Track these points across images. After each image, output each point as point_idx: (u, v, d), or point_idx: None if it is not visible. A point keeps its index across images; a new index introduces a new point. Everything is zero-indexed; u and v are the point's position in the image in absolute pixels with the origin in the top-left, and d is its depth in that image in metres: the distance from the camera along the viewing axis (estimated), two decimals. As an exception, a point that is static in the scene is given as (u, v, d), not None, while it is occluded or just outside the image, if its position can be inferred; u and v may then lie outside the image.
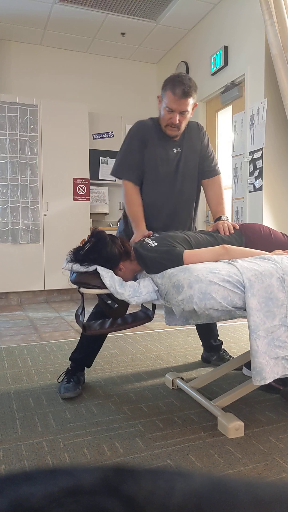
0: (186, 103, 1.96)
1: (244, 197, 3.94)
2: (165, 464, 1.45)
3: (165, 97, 1.98)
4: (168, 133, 2.06)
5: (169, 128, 2.04)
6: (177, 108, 1.96)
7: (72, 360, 2.16)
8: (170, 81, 1.97)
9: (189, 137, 2.14)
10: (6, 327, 3.63)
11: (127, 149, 2.11)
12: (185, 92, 1.93)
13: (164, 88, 2.00)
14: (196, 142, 2.16)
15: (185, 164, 2.12)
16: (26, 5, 4.36)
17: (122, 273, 1.77)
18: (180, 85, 1.92)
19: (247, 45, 3.87)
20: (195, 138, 2.16)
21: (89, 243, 1.75)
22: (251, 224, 2.02)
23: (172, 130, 2.04)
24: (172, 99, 1.95)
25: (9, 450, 1.55)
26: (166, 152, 2.09)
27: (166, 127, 2.04)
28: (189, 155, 2.13)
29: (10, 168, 4.64)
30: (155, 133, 2.09)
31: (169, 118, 2.00)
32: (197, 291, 1.48)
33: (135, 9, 4.44)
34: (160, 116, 2.07)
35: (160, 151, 2.08)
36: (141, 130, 2.09)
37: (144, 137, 2.08)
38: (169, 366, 2.50)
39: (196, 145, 2.16)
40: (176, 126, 2.02)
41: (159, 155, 2.08)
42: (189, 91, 1.93)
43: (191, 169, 2.15)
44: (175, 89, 1.93)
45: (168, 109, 1.98)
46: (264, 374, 1.51)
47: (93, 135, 5.25)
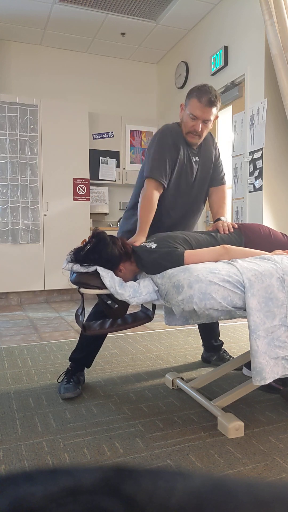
0: (210, 112, 2.00)
1: (244, 197, 3.94)
2: (165, 464, 1.45)
3: (190, 105, 2.01)
4: (189, 140, 2.08)
5: (190, 136, 2.06)
6: (201, 115, 1.99)
7: (72, 360, 2.16)
8: (196, 90, 2.01)
9: (205, 147, 2.18)
10: (6, 327, 3.63)
11: (161, 149, 2.05)
12: (211, 101, 1.97)
13: (189, 96, 2.04)
14: (210, 151, 2.21)
15: (201, 173, 2.17)
16: (26, 5, 4.36)
17: (122, 274, 1.77)
18: (207, 94, 1.97)
19: (247, 45, 3.87)
20: (209, 148, 2.21)
21: (90, 244, 1.75)
22: (250, 224, 2.02)
23: (193, 137, 2.06)
24: (197, 106, 1.98)
25: (9, 450, 1.55)
26: (190, 160, 2.13)
27: (187, 134, 2.07)
28: (205, 165, 2.18)
29: (10, 168, 4.64)
30: (182, 139, 2.11)
31: (192, 125, 2.02)
32: (197, 291, 1.48)
33: (135, 9, 4.44)
34: (182, 123, 2.10)
35: (187, 158, 2.12)
36: (174, 135, 2.09)
37: (177, 142, 2.09)
38: (169, 366, 2.50)
39: (211, 155, 2.21)
40: (198, 134, 2.05)
41: (186, 161, 2.11)
42: (214, 100, 1.98)
43: (205, 178, 2.21)
44: (201, 97, 1.97)
45: (192, 116, 2.00)
46: (264, 374, 1.51)
47: (93, 135, 5.25)
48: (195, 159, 2.14)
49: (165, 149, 2.05)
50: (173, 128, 2.12)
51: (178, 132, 2.10)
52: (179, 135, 2.10)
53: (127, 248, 1.80)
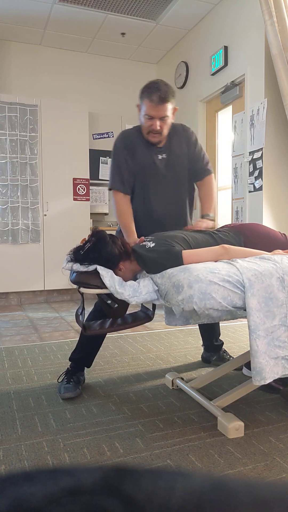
0: (164, 109, 1.97)
1: (244, 197, 3.94)
2: (165, 464, 1.45)
3: (143, 105, 2.00)
4: (151, 140, 2.06)
5: (151, 135, 2.05)
6: (156, 114, 1.98)
7: (72, 360, 2.16)
8: (146, 89, 1.98)
9: (175, 141, 2.13)
10: (6, 327, 3.63)
11: (115, 160, 2.14)
12: (162, 98, 1.95)
13: (141, 96, 2.01)
14: (182, 145, 2.14)
15: (173, 169, 2.13)
16: (26, 5, 4.36)
17: (122, 273, 1.77)
18: (156, 92, 1.94)
19: (247, 45, 3.87)
20: (181, 141, 2.14)
21: (89, 243, 1.75)
22: (249, 223, 2.02)
23: (154, 136, 2.05)
24: (150, 106, 1.97)
25: (9, 450, 1.55)
26: (153, 159, 2.10)
27: (148, 135, 2.05)
28: (176, 160, 2.13)
29: (10, 168, 4.64)
30: (140, 141, 2.10)
31: (150, 125, 2.01)
32: (197, 291, 1.48)
33: (135, 9, 4.44)
34: (141, 125, 2.08)
35: (147, 159, 2.10)
36: (126, 140, 2.11)
37: (130, 146, 2.10)
38: (169, 366, 2.50)
39: (183, 148, 2.15)
40: (158, 132, 2.03)
41: (146, 162, 2.10)
42: (165, 96, 1.95)
43: (180, 173, 2.15)
44: (151, 96, 1.95)
45: (147, 116, 1.99)
46: (264, 374, 1.51)
47: (93, 135, 5.25)
48: (161, 156, 2.11)
49: (120, 159, 2.10)
50: (129, 134, 2.13)
51: (133, 135, 2.11)
52: (136, 138, 2.10)
53: (126, 247, 1.80)
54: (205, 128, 4.78)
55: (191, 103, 4.90)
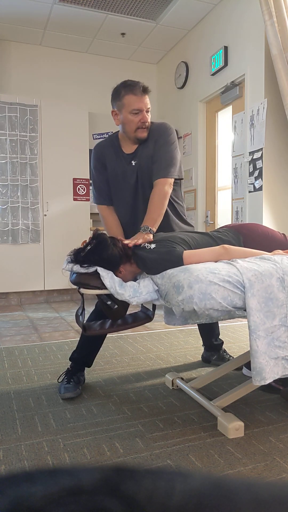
0: (147, 100, 2.00)
1: (244, 197, 3.94)
2: (165, 464, 1.45)
3: (126, 103, 1.97)
4: (140, 136, 2.03)
5: (139, 131, 2.02)
6: (144, 105, 1.98)
7: (72, 360, 2.17)
8: (123, 88, 1.98)
9: (146, 143, 2.07)
10: (6, 327, 3.63)
11: (93, 175, 2.20)
12: (144, 88, 1.97)
13: (118, 97, 1.99)
14: (149, 145, 2.06)
15: (143, 173, 2.07)
16: (26, 5, 4.36)
17: (122, 275, 1.77)
18: (136, 85, 1.97)
19: (247, 45, 3.87)
20: (150, 142, 2.06)
21: (90, 245, 1.75)
22: (248, 223, 2.02)
23: (143, 131, 2.02)
24: (135, 99, 1.96)
25: (9, 450, 1.55)
26: (125, 167, 2.09)
27: (136, 132, 2.01)
28: (145, 163, 2.07)
29: (10, 168, 4.64)
30: (112, 151, 2.11)
31: (139, 119, 1.99)
32: (197, 291, 1.48)
33: (135, 9, 4.44)
34: (124, 126, 2.03)
35: (119, 168, 2.10)
36: (98, 153, 2.14)
37: (102, 159, 2.12)
38: (169, 366, 2.50)
39: (149, 149, 2.06)
40: (146, 127, 2.03)
41: (119, 171, 2.10)
42: (146, 87, 1.98)
43: (150, 179, 2.07)
44: (133, 90, 1.96)
45: (135, 111, 1.97)
46: (264, 374, 1.51)
47: (93, 135, 5.25)
48: (134, 162, 2.07)
49: (95, 173, 2.16)
50: (100, 146, 2.15)
51: (105, 146, 2.12)
52: (106, 148, 2.11)
53: (127, 250, 1.80)
54: (205, 128, 4.78)
55: (191, 103, 4.89)
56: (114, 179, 2.12)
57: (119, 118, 2.03)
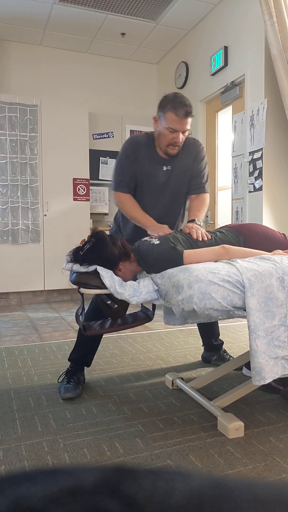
0: (187, 123, 2.02)
1: (244, 197, 3.94)
2: (165, 464, 1.45)
3: (166, 118, 2.01)
4: (170, 152, 2.08)
5: (170, 148, 2.06)
6: (180, 128, 2.01)
7: (71, 360, 2.17)
8: (170, 102, 2.00)
9: (182, 154, 2.15)
10: (6, 327, 3.63)
11: (122, 163, 2.15)
12: (188, 112, 1.99)
13: (163, 109, 2.03)
14: (188, 159, 2.16)
15: (174, 182, 2.15)
16: (26, 5, 4.36)
17: (122, 273, 1.77)
18: (183, 106, 1.98)
19: (247, 46, 3.87)
20: (188, 155, 2.16)
21: (89, 244, 1.75)
22: (248, 223, 2.02)
23: (173, 149, 2.07)
24: (175, 120, 1.99)
25: (9, 450, 1.55)
26: (156, 170, 2.11)
27: (167, 147, 2.06)
28: (179, 173, 2.15)
29: (10, 168, 4.64)
30: (147, 150, 2.11)
31: (172, 137, 2.02)
32: (197, 291, 1.48)
33: (135, 9, 4.44)
34: (159, 135, 2.08)
35: (149, 168, 2.11)
36: (133, 146, 2.13)
37: (135, 153, 2.11)
38: (169, 366, 2.50)
39: (188, 163, 2.16)
40: (178, 145, 2.06)
41: (150, 172, 2.11)
42: (190, 111, 2.01)
43: (180, 186, 2.18)
44: (177, 110, 1.97)
45: (171, 129, 2.01)
46: (264, 374, 1.51)
47: (93, 135, 5.25)
48: (165, 168, 2.13)
49: (127, 163, 2.11)
50: (139, 141, 2.14)
51: (142, 143, 2.12)
52: (142, 146, 2.11)
53: (126, 248, 1.80)
54: (205, 128, 4.77)
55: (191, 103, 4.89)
56: (145, 178, 2.12)
57: (158, 126, 2.08)
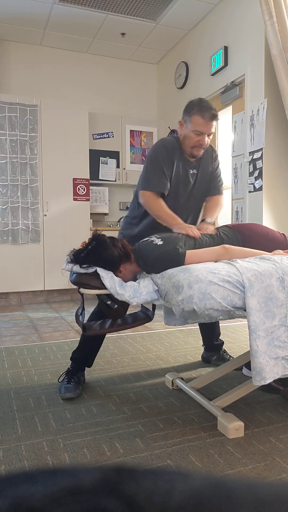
0: (213, 126, 2.09)
1: (244, 197, 3.94)
2: (165, 464, 1.45)
3: (193, 122, 2.07)
4: (195, 153, 2.14)
5: (195, 150, 2.12)
6: (206, 131, 2.08)
7: (73, 360, 2.17)
8: (196, 106, 2.08)
9: (204, 160, 2.24)
10: (6, 327, 3.63)
11: (154, 165, 2.13)
12: (214, 115, 2.07)
13: (189, 112, 2.10)
14: (209, 164, 2.26)
15: (198, 185, 2.22)
16: (26, 5, 4.36)
17: (122, 274, 1.77)
18: (209, 110, 2.06)
19: (247, 46, 3.87)
20: (208, 161, 2.26)
21: (90, 246, 1.75)
22: (247, 223, 2.03)
23: (198, 150, 2.13)
24: (202, 123, 2.06)
25: (9, 450, 1.54)
26: (186, 173, 2.17)
27: (192, 149, 2.12)
28: (203, 178, 2.23)
29: (10, 168, 4.64)
30: (179, 152, 2.16)
31: (198, 140, 2.09)
32: (197, 291, 1.48)
33: (135, 9, 4.44)
34: (185, 138, 2.13)
35: (182, 171, 2.16)
36: (169, 148, 2.15)
37: (171, 155, 2.14)
38: (169, 366, 2.50)
39: (209, 168, 2.26)
40: (203, 147, 2.13)
41: (181, 174, 2.16)
42: (216, 114, 2.08)
43: (202, 190, 2.26)
44: (204, 113, 2.05)
45: (197, 132, 2.07)
46: (264, 374, 1.51)
47: (93, 135, 5.25)
48: (192, 171, 2.19)
49: (160, 162, 2.12)
50: (169, 143, 2.17)
51: (174, 146, 2.16)
52: (175, 150, 2.15)
53: (127, 249, 1.80)
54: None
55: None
56: (176, 180, 2.16)
57: (183, 130, 2.13)
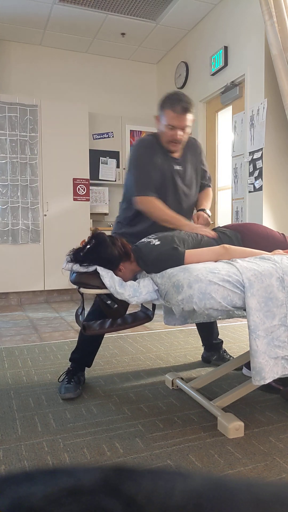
0: (186, 119, 2.02)
1: (244, 197, 3.94)
2: (165, 464, 1.45)
3: (165, 116, 2.03)
4: (171, 148, 2.10)
5: (171, 144, 2.09)
6: (179, 124, 2.02)
7: (72, 361, 2.17)
8: (168, 100, 2.02)
9: (189, 154, 2.20)
10: (6, 327, 3.63)
11: (139, 168, 2.10)
12: (185, 108, 2.00)
13: (162, 107, 2.05)
14: (194, 158, 2.23)
15: (187, 181, 2.19)
16: (26, 6, 4.36)
17: (122, 273, 1.77)
18: (180, 102, 1.99)
19: (247, 46, 3.87)
20: (194, 155, 2.23)
21: (90, 245, 1.75)
22: (247, 223, 2.03)
23: (174, 145, 2.09)
24: (173, 116, 2.00)
25: (9, 450, 1.54)
26: (171, 168, 2.14)
27: (168, 144, 2.09)
28: (190, 173, 2.20)
29: (10, 168, 4.64)
30: (160, 150, 2.13)
31: (171, 134, 2.04)
32: (197, 291, 1.48)
33: (135, 9, 4.44)
34: (161, 134, 2.10)
35: (166, 167, 2.12)
36: (147, 148, 2.12)
37: (155, 154, 2.11)
38: (169, 366, 2.50)
39: (194, 162, 2.23)
40: (179, 142, 2.08)
41: (166, 171, 2.12)
42: (188, 107, 2.00)
43: (191, 185, 2.21)
44: (175, 106, 1.99)
45: (170, 126, 2.03)
46: (264, 374, 1.51)
47: (93, 135, 5.25)
48: (177, 167, 2.15)
49: (144, 164, 2.09)
50: (148, 143, 2.13)
51: (154, 145, 2.12)
52: (155, 148, 2.11)
53: (126, 248, 1.80)
54: (205, 128, 4.77)
55: (191, 103, 4.89)
56: (161, 178, 2.13)
57: (159, 125, 2.10)
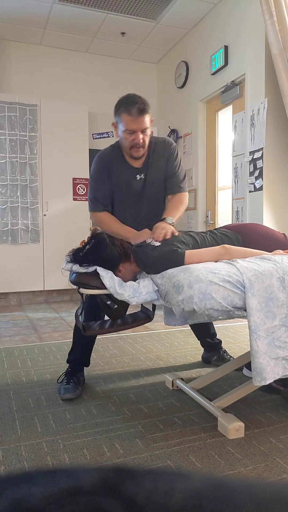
0: (144, 121, 1.94)
1: (244, 197, 3.94)
2: (165, 465, 1.45)
3: (122, 121, 1.95)
4: (135, 154, 2.02)
5: (134, 150, 2.00)
6: (137, 127, 1.94)
7: (70, 362, 2.16)
8: (122, 103, 1.95)
9: (154, 159, 2.10)
10: (6, 328, 3.63)
11: (94, 183, 2.11)
12: (141, 109, 1.91)
13: (117, 112, 1.97)
14: (160, 162, 2.11)
15: (149, 189, 2.11)
16: (26, 5, 4.36)
17: (122, 274, 1.77)
18: (134, 104, 1.90)
19: (247, 45, 3.87)
20: (159, 159, 2.11)
21: (89, 245, 1.75)
22: (248, 223, 2.02)
23: (137, 150, 2.01)
24: (130, 120, 1.92)
25: (9, 451, 1.54)
26: (129, 180, 2.08)
27: (131, 150, 2.00)
28: (153, 180, 2.10)
29: (10, 168, 4.64)
30: (117, 161, 2.07)
31: (132, 139, 1.96)
32: (197, 291, 1.48)
33: (135, 9, 4.44)
34: (121, 141, 2.03)
35: (123, 179, 2.07)
36: (103, 164, 2.08)
37: (107, 168, 2.07)
38: (169, 367, 2.50)
39: (161, 166, 2.11)
40: (141, 146, 2.00)
41: (123, 182, 2.07)
42: (144, 108, 1.92)
43: (157, 192, 2.14)
44: (130, 109, 1.90)
45: (128, 131, 1.95)
46: (265, 375, 1.51)
47: (93, 135, 5.25)
48: (139, 176, 2.08)
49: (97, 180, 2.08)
50: (105, 155, 2.09)
51: (111, 157, 2.07)
52: (111, 160, 2.07)
53: (126, 249, 1.80)
54: (205, 128, 4.77)
55: (191, 103, 4.89)
56: (119, 189, 2.09)
57: (118, 132, 2.02)
